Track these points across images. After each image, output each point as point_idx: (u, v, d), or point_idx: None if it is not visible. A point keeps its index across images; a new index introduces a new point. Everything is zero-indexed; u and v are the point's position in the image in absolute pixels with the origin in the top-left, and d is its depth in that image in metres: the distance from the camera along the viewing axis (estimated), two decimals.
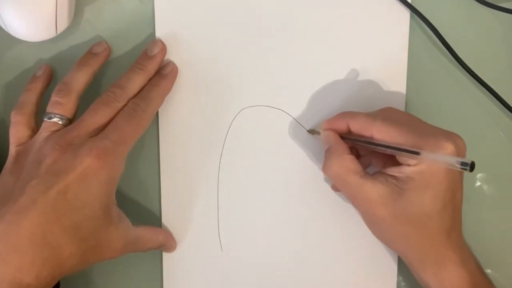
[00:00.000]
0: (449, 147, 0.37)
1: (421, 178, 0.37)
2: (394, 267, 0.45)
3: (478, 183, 0.45)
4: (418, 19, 0.43)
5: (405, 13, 0.44)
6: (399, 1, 0.43)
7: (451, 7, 0.44)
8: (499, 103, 0.44)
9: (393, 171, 0.38)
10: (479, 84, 0.44)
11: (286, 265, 0.45)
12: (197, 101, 0.44)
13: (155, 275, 0.46)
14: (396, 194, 0.38)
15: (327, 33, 0.44)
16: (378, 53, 0.44)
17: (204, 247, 0.45)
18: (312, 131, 0.44)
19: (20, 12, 0.40)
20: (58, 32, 0.42)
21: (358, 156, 0.42)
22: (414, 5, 0.43)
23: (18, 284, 0.34)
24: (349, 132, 0.41)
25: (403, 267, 0.45)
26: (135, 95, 0.41)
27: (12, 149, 0.40)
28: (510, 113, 0.44)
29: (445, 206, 0.38)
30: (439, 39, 0.43)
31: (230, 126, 0.45)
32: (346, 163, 0.39)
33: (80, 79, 0.41)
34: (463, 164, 0.35)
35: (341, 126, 0.41)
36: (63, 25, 0.42)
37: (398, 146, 0.37)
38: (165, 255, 0.45)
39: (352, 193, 0.40)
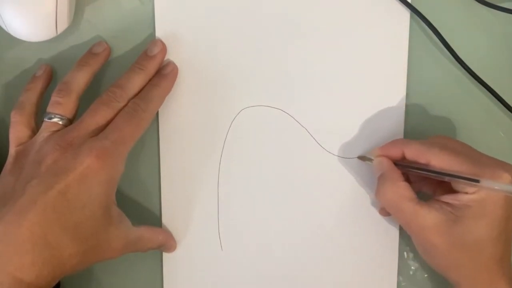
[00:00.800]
0: (507, 176, 0.37)
1: (479, 206, 0.38)
2: (394, 267, 0.45)
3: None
4: (418, 19, 0.43)
5: (405, 13, 0.44)
6: (399, 1, 0.43)
7: (451, 7, 0.44)
8: (499, 103, 0.44)
9: (449, 198, 0.39)
10: (479, 84, 0.44)
11: (286, 265, 0.45)
12: (197, 101, 0.44)
13: (155, 275, 0.46)
14: (451, 221, 0.38)
15: (327, 33, 0.44)
16: (378, 53, 0.44)
17: (204, 247, 0.45)
18: (362, 158, 0.44)
19: (20, 12, 0.40)
20: (58, 32, 0.42)
21: (408, 182, 0.42)
22: (414, 5, 0.43)
23: (18, 284, 0.34)
24: (402, 159, 0.41)
25: (403, 267, 0.45)
26: (135, 95, 0.41)
27: (12, 149, 0.40)
28: (510, 113, 0.44)
29: (500, 234, 0.38)
30: (439, 39, 0.43)
31: (230, 126, 0.45)
32: (401, 190, 0.39)
33: (80, 79, 0.41)
34: None
35: (395, 153, 0.41)
36: (63, 25, 0.42)
37: (457, 174, 0.38)
38: (165, 255, 0.45)
39: (406, 220, 0.40)
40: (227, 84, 0.44)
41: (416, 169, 0.40)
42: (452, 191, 0.39)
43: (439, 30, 0.43)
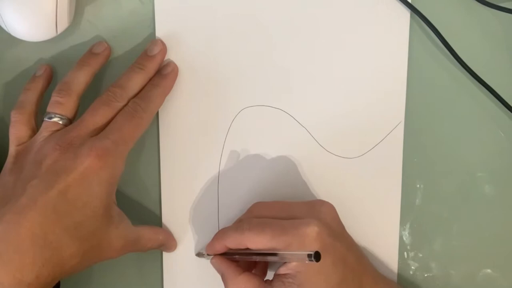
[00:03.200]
0: (311, 231, 0.37)
1: (306, 267, 0.37)
2: (394, 267, 0.45)
3: (478, 183, 0.45)
4: (418, 19, 0.43)
5: (405, 13, 0.44)
6: (399, 1, 0.43)
7: (451, 7, 0.44)
8: (499, 103, 0.44)
9: (283, 270, 0.38)
10: (479, 84, 0.44)
11: None
12: (197, 101, 0.44)
13: (155, 275, 0.46)
14: None
15: (327, 33, 0.44)
16: (378, 53, 0.44)
17: (204, 247, 0.45)
18: (199, 255, 0.44)
19: (20, 12, 0.40)
20: (58, 32, 0.42)
21: (255, 264, 0.42)
22: (414, 5, 0.43)
23: (18, 284, 0.34)
24: (232, 250, 0.41)
25: (403, 267, 0.45)
26: (136, 95, 0.41)
27: (12, 149, 0.40)
28: (510, 113, 0.44)
29: (345, 277, 0.38)
30: (439, 39, 0.43)
31: (230, 126, 0.45)
32: (242, 285, 0.39)
33: (80, 79, 0.41)
34: (309, 256, 0.34)
35: (220, 248, 0.41)
36: (63, 25, 0.42)
37: (261, 252, 0.38)
38: (165, 255, 0.45)
39: None
40: (227, 84, 0.44)
41: (242, 255, 0.40)
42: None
43: (439, 30, 0.43)
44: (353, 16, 0.44)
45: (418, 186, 0.45)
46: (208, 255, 0.43)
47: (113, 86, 0.40)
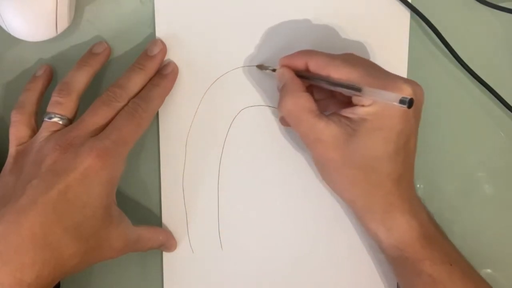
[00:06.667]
0: (407, 89, 0.36)
1: (374, 119, 0.36)
2: None
3: (478, 183, 0.45)
4: (418, 19, 0.43)
5: (405, 13, 0.44)
6: (399, 1, 0.43)
7: (451, 7, 0.44)
8: (499, 103, 0.44)
9: (347, 112, 0.37)
10: (479, 84, 0.44)
11: (286, 265, 0.45)
12: (197, 101, 0.44)
13: (155, 275, 0.46)
14: (348, 135, 0.37)
15: (328, 33, 0.44)
16: (378, 53, 0.44)
17: (204, 247, 0.45)
18: (261, 66, 0.43)
19: (20, 12, 0.40)
20: (58, 32, 0.42)
21: (314, 99, 0.41)
22: (414, 5, 0.43)
23: (19, 284, 0.34)
24: (306, 71, 0.40)
25: None
26: (136, 95, 0.41)
27: (12, 149, 0.40)
28: (510, 113, 0.44)
29: (397, 151, 0.37)
30: (439, 39, 0.43)
31: (230, 126, 0.45)
32: (302, 100, 0.38)
33: (80, 79, 0.41)
34: (402, 101, 0.33)
35: (299, 63, 0.40)
36: (63, 25, 0.42)
37: (344, 83, 0.36)
38: (165, 255, 0.45)
39: (305, 132, 0.39)
40: (227, 84, 0.44)
41: (317, 80, 0.39)
42: (351, 105, 0.38)
43: (439, 30, 0.43)
44: (353, 16, 0.44)
45: (418, 186, 0.45)
46: (270, 68, 0.41)
47: (113, 86, 0.40)
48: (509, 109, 0.44)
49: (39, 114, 0.41)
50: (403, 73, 0.44)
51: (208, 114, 0.44)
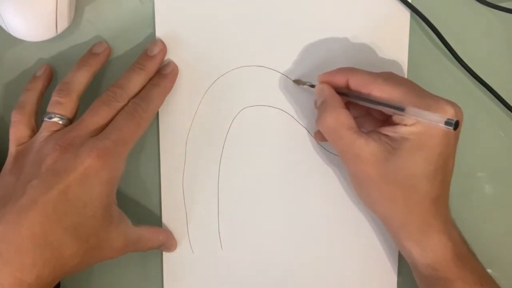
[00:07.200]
0: (449, 110, 0.36)
1: (416, 139, 0.37)
2: (394, 267, 0.45)
3: (478, 183, 0.45)
4: (418, 19, 0.43)
5: (405, 13, 0.44)
6: (399, 1, 0.43)
7: (451, 7, 0.44)
8: (499, 103, 0.44)
9: (387, 130, 0.38)
10: (479, 84, 0.44)
11: (287, 265, 0.45)
12: (197, 101, 0.44)
13: (155, 275, 0.46)
14: (388, 153, 0.37)
15: (328, 33, 0.44)
16: (378, 53, 0.44)
17: (204, 247, 0.45)
18: (298, 81, 0.43)
19: (20, 12, 0.40)
20: (58, 32, 0.42)
21: None
22: (414, 5, 0.43)
23: (19, 284, 0.34)
24: (345, 87, 0.40)
25: (403, 267, 0.45)
26: (136, 95, 0.41)
27: (12, 149, 0.40)
28: (510, 113, 0.44)
29: (436, 172, 0.37)
30: (439, 39, 0.43)
31: (230, 126, 0.45)
32: (342, 117, 0.39)
33: (80, 79, 0.41)
34: (447, 123, 0.34)
35: (340, 80, 0.40)
36: (63, 25, 0.42)
37: (387, 102, 0.37)
38: (165, 255, 0.45)
39: (344, 148, 0.39)
40: (227, 84, 0.44)
41: (356, 98, 0.39)
42: (392, 124, 0.38)
43: (439, 30, 0.43)
44: (353, 16, 0.44)
45: None
46: (308, 84, 0.42)
47: (113, 86, 0.40)
48: (509, 109, 0.44)
49: (39, 114, 0.41)
50: (403, 73, 0.44)
51: (208, 114, 0.44)
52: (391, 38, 0.44)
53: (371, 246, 0.45)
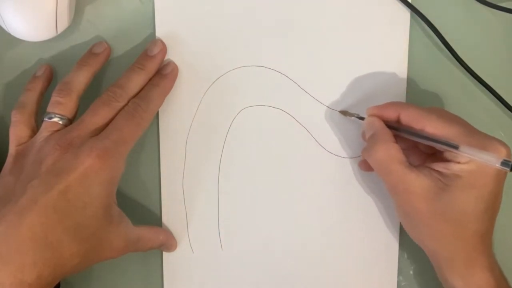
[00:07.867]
0: (503, 151, 0.37)
1: (469, 177, 0.37)
2: (394, 267, 0.45)
3: None
4: (419, 19, 0.43)
5: (405, 13, 0.44)
6: (399, 1, 0.43)
7: (451, 7, 0.44)
8: (499, 103, 0.44)
9: (440, 166, 0.38)
10: (479, 84, 0.44)
11: (286, 265, 0.45)
12: (197, 101, 0.44)
13: (155, 275, 0.46)
14: (439, 189, 0.37)
15: (328, 33, 0.44)
16: (378, 53, 0.44)
17: (204, 247, 0.45)
18: (345, 112, 0.43)
19: (20, 12, 0.40)
20: (58, 32, 0.42)
21: None
22: (414, 5, 0.43)
23: (19, 284, 0.34)
24: (396, 122, 0.40)
25: (403, 267, 0.45)
26: (136, 95, 0.41)
27: (12, 149, 0.40)
28: (510, 113, 0.44)
29: (486, 209, 0.38)
30: (439, 39, 0.43)
31: (230, 126, 0.45)
32: (393, 151, 0.39)
33: (80, 79, 0.41)
34: (504, 163, 0.35)
35: (391, 114, 0.40)
36: (63, 25, 0.42)
37: (441, 140, 0.37)
38: (165, 255, 0.45)
39: (393, 182, 0.39)
40: (227, 84, 0.44)
41: (406, 133, 0.39)
42: (443, 160, 0.38)
43: (439, 30, 0.43)
44: (353, 16, 0.44)
45: None
46: (356, 115, 0.42)
47: (113, 86, 0.40)
48: (509, 109, 0.44)
49: (39, 114, 0.41)
50: (403, 73, 0.44)
51: (208, 114, 0.44)
52: (391, 38, 0.44)
53: (372, 246, 0.45)
